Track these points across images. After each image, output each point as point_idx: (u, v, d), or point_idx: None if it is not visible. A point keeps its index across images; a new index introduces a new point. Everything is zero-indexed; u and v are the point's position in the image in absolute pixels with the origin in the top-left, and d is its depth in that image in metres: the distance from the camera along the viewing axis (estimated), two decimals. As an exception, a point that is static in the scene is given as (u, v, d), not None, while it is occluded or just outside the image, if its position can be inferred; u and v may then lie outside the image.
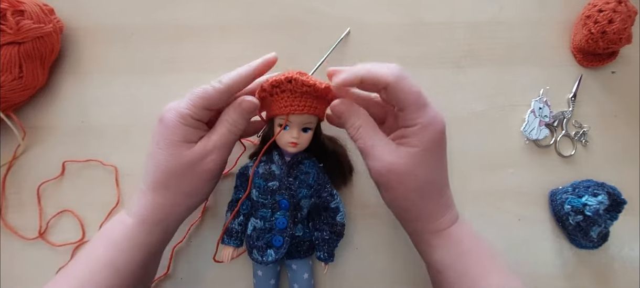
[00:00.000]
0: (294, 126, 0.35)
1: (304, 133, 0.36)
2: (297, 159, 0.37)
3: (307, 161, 0.38)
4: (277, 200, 0.37)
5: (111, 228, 0.34)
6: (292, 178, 0.37)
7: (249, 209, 0.38)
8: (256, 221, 0.37)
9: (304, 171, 0.37)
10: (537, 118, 0.46)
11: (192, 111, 0.33)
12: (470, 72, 0.47)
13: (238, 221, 0.38)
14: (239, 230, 0.38)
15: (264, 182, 0.37)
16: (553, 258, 0.44)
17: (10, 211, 0.43)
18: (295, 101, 0.34)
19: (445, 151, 0.35)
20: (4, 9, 0.39)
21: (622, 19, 0.44)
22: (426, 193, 0.33)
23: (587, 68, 0.48)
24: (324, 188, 0.38)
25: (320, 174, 0.38)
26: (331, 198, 0.38)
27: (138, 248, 0.33)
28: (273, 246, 0.37)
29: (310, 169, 0.37)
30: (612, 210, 0.42)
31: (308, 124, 0.36)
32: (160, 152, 0.33)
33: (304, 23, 0.48)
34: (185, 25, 0.47)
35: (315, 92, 0.34)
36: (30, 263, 0.42)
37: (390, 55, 0.47)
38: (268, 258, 0.37)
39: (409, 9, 0.48)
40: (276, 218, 0.37)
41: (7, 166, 0.44)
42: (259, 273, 0.39)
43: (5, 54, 0.39)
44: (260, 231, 0.37)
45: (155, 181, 0.33)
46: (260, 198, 0.37)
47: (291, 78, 0.34)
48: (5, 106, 0.42)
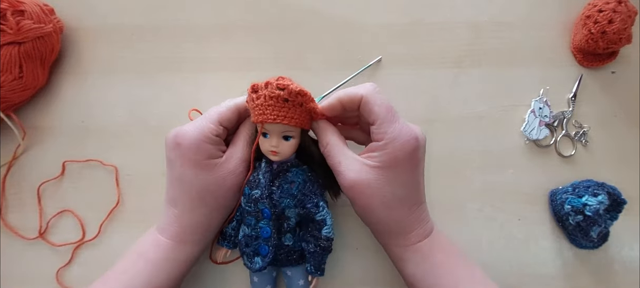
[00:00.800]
0: (273, 134, 0.35)
1: (285, 141, 0.35)
2: (284, 168, 0.36)
3: (294, 169, 0.37)
4: (260, 208, 0.36)
5: (146, 248, 0.35)
6: (275, 187, 0.36)
7: (241, 215, 0.38)
8: (244, 228, 0.38)
9: (289, 180, 0.36)
10: (537, 118, 0.46)
11: (212, 129, 0.35)
12: (470, 72, 0.47)
13: (231, 226, 0.39)
14: (232, 233, 0.39)
15: (249, 190, 0.36)
16: (553, 258, 0.44)
17: (10, 211, 0.43)
18: (268, 108, 0.33)
19: (417, 166, 0.34)
20: (4, 9, 0.39)
21: (622, 19, 0.44)
22: (393, 208, 0.34)
23: (587, 68, 0.48)
24: (309, 198, 0.36)
25: (307, 184, 0.36)
26: (316, 209, 0.36)
27: (178, 266, 0.35)
28: (260, 254, 0.37)
29: (296, 178, 0.36)
30: (612, 210, 0.42)
31: (288, 132, 0.35)
32: (190, 173, 0.34)
33: (304, 23, 0.48)
34: (186, 25, 0.47)
35: (290, 95, 0.33)
36: (30, 263, 0.42)
37: (391, 55, 0.47)
38: (255, 265, 0.37)
39: (409, 9, 0.48)
40: (260, 226, 0.37)
41: (7, 166, 0.44)
42: (255, 279, 0.39)
43: (5, 54, 0.39)
44: (248, 238, 0.37)
45: (192, 200, 0.35)
46: (246, 205, 0.37)
47: (268, 83, 0.33)
48: (5, 106, 0.42)
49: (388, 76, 0.47)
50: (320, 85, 0.46)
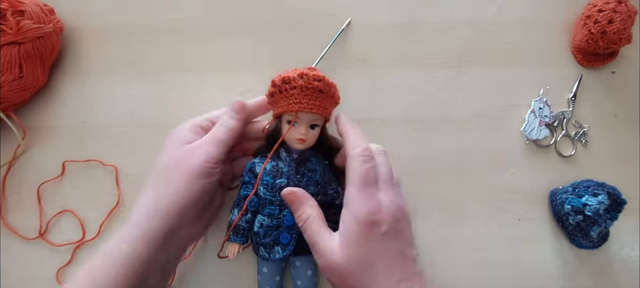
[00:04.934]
0: (302, 123, 0.36)
1: (311, 130, 0.36)
2: (305, 157, 0.38)
3: (313, 158, 0.38)
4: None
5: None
6: (300, 175, 0.37)
7: (257, 206, 0.38)
8: (263, 218, 0.37)
9: (311, 168, 0.37)
10: (537, 118, 0.46)
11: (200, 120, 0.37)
12: (470, 72, 0.47)
13: (245, 219, 0.37)
14: (245, 227, 0.38)
15: (272, 179, 0.37)
16: (553, 258, 0.44)
17: (10, 211, 0.43)
18: (305, 98, 0.35)
19: (387, 251, 0.30)
20: (4, 9, 0.39)
21: (622, 19, 0.44)
22: (375, 284, 0.30)
23: (587, 68, 0.48)
24: (330, 184, 0.38)
25: (327, 171, 0.38)
26: (337, 195, 0.38)
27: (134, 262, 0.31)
28: (280, 244, 0.37)
29: (317, 166, 0.38)
30: (612, 210, 0.42)
31: (316, 121, 0.36)
32: (161, 154, 0.35)
33: (304, 23, 0.48)
34: (186, 25, 0.47)
35: (325, 87, 0.35)
36: (30, 263, 0.42)
37: (391, 55, 0.47)
38: (275, 255, 0.37)
39: (409, 9, 0.48)
40: (284, 215, 0.36)
41: (7, 166, 0.44)
42: (264, 270, 0.39)
43: (5, 54, 0.39)
44: (267, 228, 0.37)
45: (150, 179, 0.35)
46: (267, 194, 0.37)
47: (302, 74, 0.34)
48: (5, 106, 0.42)
49: (388, 76, 0.47)
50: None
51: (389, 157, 0.34)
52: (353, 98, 0.46)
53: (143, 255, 0.31)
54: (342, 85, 0.46)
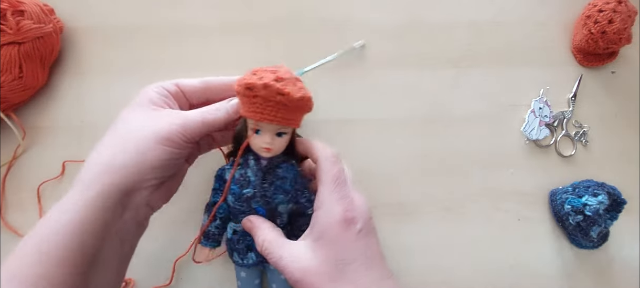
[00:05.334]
0: (267, 131, 0.33)
1: (278, 138, 0.34)
2: (274, 163, 0.35)
3: (284, 165, 0.35)
4: (253, 207, 0.35)
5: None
6: (267, 184, 0.35)
7: (226, 213, 0.37)
8: (235, 225, 0.37)
9: (280, 176, 0.35)
10: (537, 118, 0.46)
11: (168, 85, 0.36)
12: (470, 72, 0.47)
13: (215, 225, 0.37)
14: (216, 232, 0.38)
15: (239, 189, 0.35)
16: (553, 258, 0.44)
17: (10, 211, 0.43)
18: (267, 109, 0.32)
19: (362, 250, 0.30)
20: (4, 9, 0.39)
21: (622, 19, 0.44)
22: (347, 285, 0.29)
23: (587, 68, 0.48)
24: (301, 193, 0.36)
25: (298, 179, 0.36)
26: (309, 204, 0.35)
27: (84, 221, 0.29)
28: (254, 249, 0.36)
29: (287, 174, 0.35)
30: (612, 210, 0.42)
31: (283, 129, 0.34)
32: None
33: (304, 23, 0.48)
34: (186, 25, 0.47)
35: (289, 102, 0.31)
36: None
37: (391, 55, 0.47)
38: (249, 261, 0.37)
39: (409, 9, 0.48)
40: None
41: (7, 166, 0.44)
42: (242, 275, 0.39)
43: (5, 54, 0.39)
44: (240, 235, 0.37)
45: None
46: (236, 204, 0.36)
47: (266, 85, 0.31)
48: (5, 106, 0.42)
49: (388, 76, 0.47)
50: (320, 84, 0.46)
51: None
52: (353, 98, 0.46)
53: (96, 221, 0.28)
54: (342, 85, 0.46)
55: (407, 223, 0.44)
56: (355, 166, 0.44)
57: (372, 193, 0.44)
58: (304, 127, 0.44)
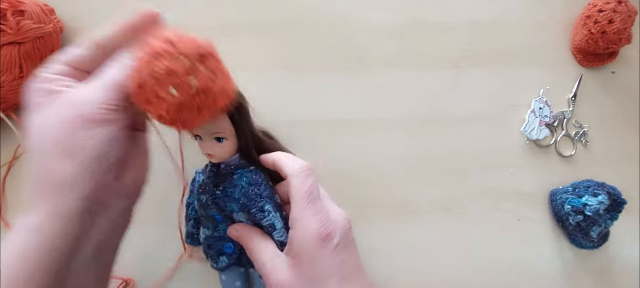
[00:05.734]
0: (206, 137, 0.31)
1: (218, 143, 0.32)
2: (229, 170, 0.34)
3: (239, 171, 0.34)
4: (210, 214, 0.35)
5: None
6: (219, 191, 0.34)
7: (198, 215, 0.38)
8: (204, 229, 0.37)
9: (233, 183, 0.33)
10: (537, 118, 0.46)
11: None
12: (470, 72, 0.47)
13: (190, 224, 0.39)
14: (193, 231, 0.39)
15: (198, 195, 0.35)
16: (553, 258, 0.44)
17: (10, 211, 0.43)
18: (181, 113, 0.26)
19: (339, 265, 0.29)
20: (4, 9, 0.39)
21: (622, 19, 0.44)
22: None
23: (587, 68, 0.48)
24: (253, 202, 0.33)
25: (252, 188, 0.33)
26: (261, 214, 0.33)
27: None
28: (225, 253, 0.36)
29: (240, 181, 0.33)
30: (612, 210, 0.42)
31: (218, 133, 0.31)
32: None
33: (304, 23, 0.48)
34: (185, 25, 0.47)
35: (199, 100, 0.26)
36: (30, 263, 0.42)
37: (391, 55, 0.47)
38: (221, 264, 0.37)
39: (409, 9, 0.48)
40: (221, 228, 0.36)
41: (7, 166, 0.44)
42: (223, 277, 0.39)
43: (5, 54, 0.39)
44: (211, 239, 0.37)
45: None
46: (200, 210, 0.36)
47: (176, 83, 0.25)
48: (5, 106, 0.42)
49: (388, 76, 0.47)
50: (320, 84, 0.46)
51: None
52: (353, 98, 0.46)
53: (61, 242, 0.25)
54: (343, 85, 0.46)
55: (407, 223, 0.44)
56: (355, 166, 0.44)
57: (372, 193, 0.44)
58: (303, 127, 0.45)
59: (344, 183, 0.44)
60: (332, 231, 0.29)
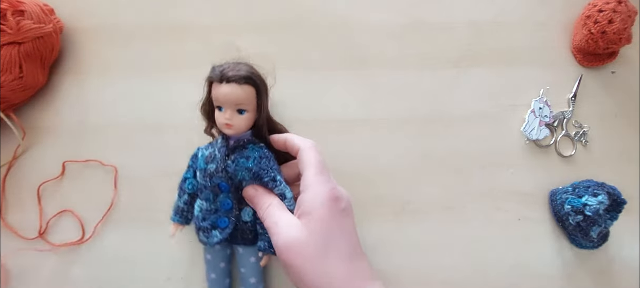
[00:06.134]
0: (228, 107, 0.35)
1: (239, 115, 0.35)
2: (240, 144, 0.37)
3: (251, 145, 0.37)
4: (216, 182, 0.36)
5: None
6: (230, 161, 0.36)
7: (195, 190, 0.39)
8: (202, 202, 0.38)
9: (245, 154, 0.36)
10: (537, 118, 0.46)
11: None
12: (470, 72, 0.47)
13: (183, 200, 0.39)
14: (184, 208, 0.39)
15: (205, 165, 0.37)
16: (553, 258, 0.44)
17: (10, 211, 0.43)
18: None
19: (343, 220, 0.33)
20: (4, 9, 0.39)
21: (622, 19, 0.44)
22: (330, 264, 0.31)
23: (587, 68, 0.48)
24: (265, 172, 0.36)
25: (264, 160, 0.37)
26: (273, 183, 0.36)
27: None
28: (218, 227, 0.37)
29: (253, 153, 0.37)
30: (612, 210, 0.42)
31: (242, 105, 0.35)
32: None
33: (304, 23, 0.48)
34: (186, 25, 0.47)
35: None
36: (30, 263, 0.42)
37: (391, 55, 0.47)
38: (213, 239, 0.37)
39: (409, 9, 0.48)
40: (220, 200, 0.37)
41: (7, 166, 0.44)
42: (208, 257, 0.39)
43: (5, 54, 0.39)
44: (206, 212, 0.37)
45: None
46: (202, 180, 0.37)
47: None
48: (5, 106, 0.42)
49: (388, 76, 0.47)
50: (320, 84, 0.46)
51: None
52: (353, 98, 0.46)
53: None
54: (343, 85, 0.46)
55: (407, 222, 0.44)
56: (355, 166, 0.44)
57: (372, 193, 0.44)
58: (303, 127, 0.45)
59: (344, 182, 0.43)
60: (340, 196, 0.33)
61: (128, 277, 0.42)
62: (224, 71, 0.35)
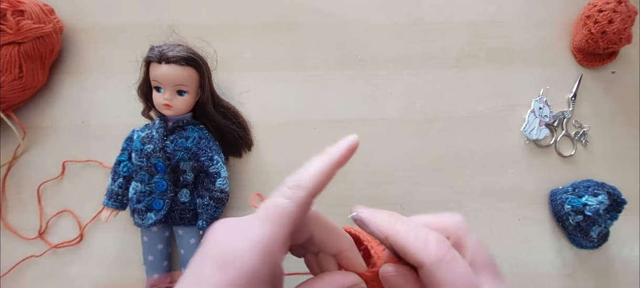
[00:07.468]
0: (167, 88, 0.35)
1: (179, 96, 0.36)
2: (179, 125, 0.37)
3: (190, 127, 0.38)
4: (153, 163, 0.37)
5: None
6: (168, 141, 0.37)
7: (130, 172, 0.39)
8: (137, 184, 0.38)
9: (184, 135, 0.37)
10: (537, 118, 0.46)
11: (283, 243, 0.22)
12: (470, 72, 0.47)
13: (118, 184, 0.39)
14: (118, 192, 0.39)
15: (141, 145, 0.37)
16: (553, 258, 0.44)
17: (10, 211, 0.43)
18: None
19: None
20: (4, 9, 0.39)
21: (622, 19, 0.44)
22: None
23: (587, 68, 0.48)
24: (203, 152, 0.37)
25: (203, 141, 0.38)
26: (210, 162, 0.37)
27: None
28: (153, 209, 0.37)
29: (191, 133, 0.37)
30: (612, 210, 0.42)
31: (182, 87, 0.35)
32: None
33: (303, 23, 0.48)
34: (186, 25, 0.47)
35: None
36: (30, 263, 0.42)
37: (391, 55, 0.47)
38: (148, 221, 0.37)
39: (409, 9, 0.48)
40: (155, 181, 0.37)
41: (7, 166, 0.44)
42: (144, 239, 0.39)
43: (5, 54, 0.39)
44: (140, 194, 0.38)
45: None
46: (138, 161, 0.37)
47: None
48: (5, 106, 0.42)
49: (388, 76, 0.47)
50: (320, 84, 0.46)
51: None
52: (353, 98, 0.46)
53: None
54: (343, 85, 0.46)
55: (407, 223, 0.44)
56: (355, 166, 0.44)
57: (372, 193, 0.44)
58: (303, 126, 0.45)
59: (344, 182, 0.44)
60: None
61: (128, 277, 0.42)
62: (163, 51, 0.35)
